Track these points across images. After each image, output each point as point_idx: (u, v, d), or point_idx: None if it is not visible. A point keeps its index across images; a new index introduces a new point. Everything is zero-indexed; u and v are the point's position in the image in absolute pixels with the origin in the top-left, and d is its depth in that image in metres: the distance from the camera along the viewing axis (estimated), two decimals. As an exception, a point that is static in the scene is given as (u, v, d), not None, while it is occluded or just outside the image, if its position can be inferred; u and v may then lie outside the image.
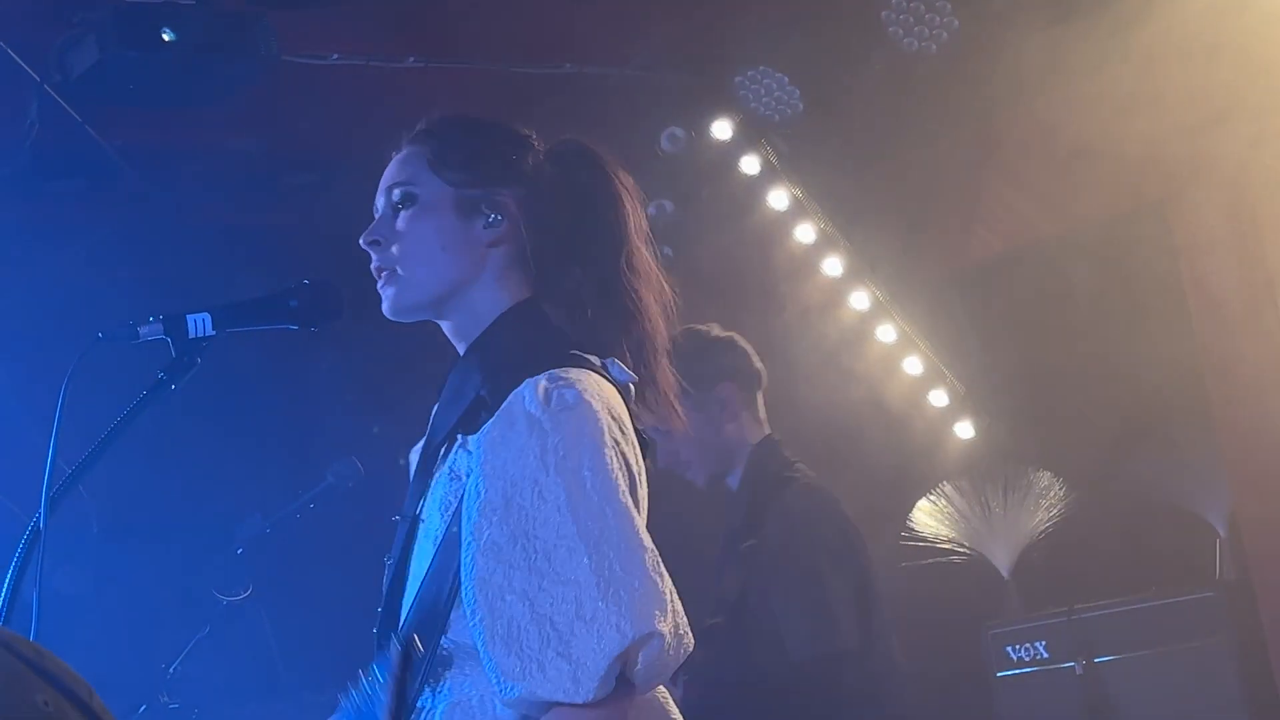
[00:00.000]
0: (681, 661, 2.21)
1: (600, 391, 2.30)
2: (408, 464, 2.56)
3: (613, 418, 2.29)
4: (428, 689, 2.31)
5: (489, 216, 2.43)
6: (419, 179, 2.45)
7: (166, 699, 5.02)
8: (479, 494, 2.22)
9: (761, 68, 4.82)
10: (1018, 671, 4.92)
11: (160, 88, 4.18)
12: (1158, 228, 4.83)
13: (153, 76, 4.09)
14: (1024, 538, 5.27)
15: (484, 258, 2.43)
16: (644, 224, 2.51)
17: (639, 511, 2.30)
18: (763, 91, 4.87)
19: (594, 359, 2.38)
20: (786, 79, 4.81)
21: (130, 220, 5.78)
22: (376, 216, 2.48)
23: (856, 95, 4.89)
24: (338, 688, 2.37)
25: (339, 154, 5.22)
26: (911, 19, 4.47)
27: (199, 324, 2.43)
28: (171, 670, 5.07)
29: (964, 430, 5.52)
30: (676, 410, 2.50)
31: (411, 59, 4.70)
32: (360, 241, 2.46)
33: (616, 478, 2.22)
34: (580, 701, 2.11)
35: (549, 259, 2.44)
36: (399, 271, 2.42)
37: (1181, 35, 4.66)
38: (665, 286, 2.50)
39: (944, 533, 5.36)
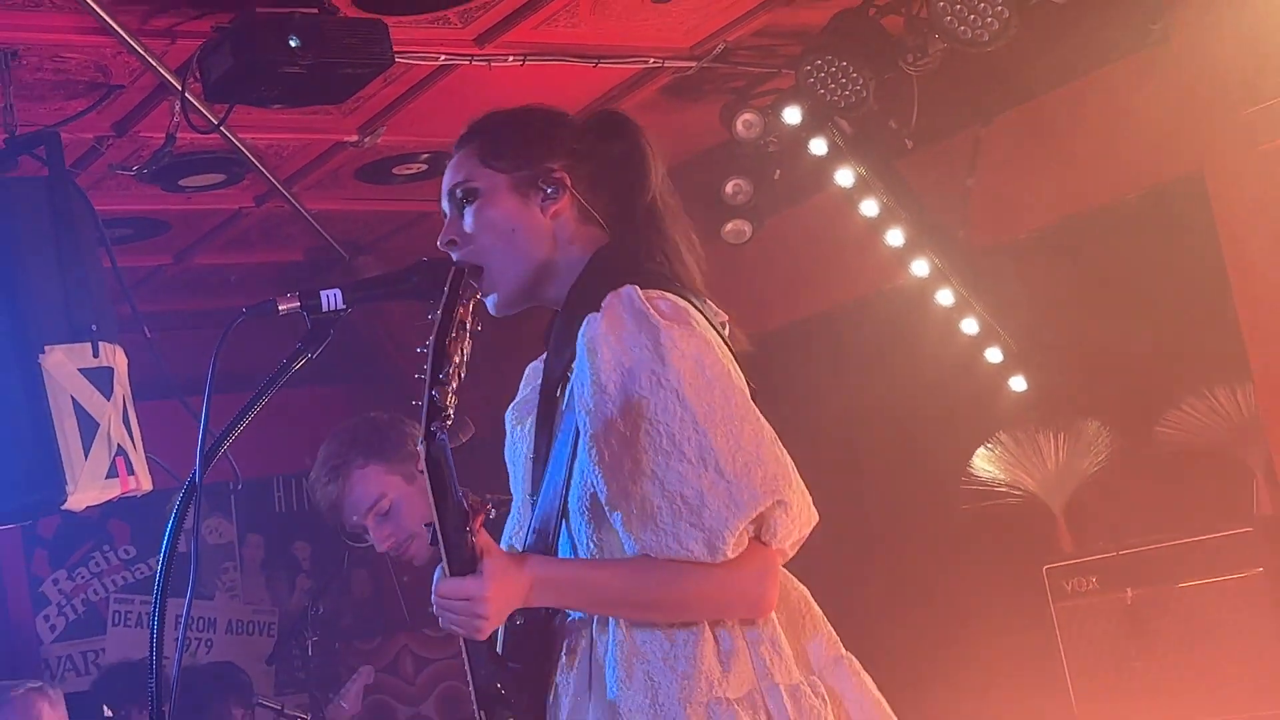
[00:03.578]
0: (809, 529, 2.26)
1: (695, 313, 2.31)
2: (509, 420, 2.56)
3: (711, 329, 2.31)
4: None
5: (545, 190, 2.40)
6: (475, 175, 2.42)
7: (309, 633, 5.08)
8: (594, 386, 2.22)
9: (828, 57, 4.76)
10: (1073, 602, 4.91)
11: (288, 89, 4.17)
12: (1197, 196, 4.76)
13: (281, 79, 4.08)
14: (1074, 481, 5.27)
15: (551, 228, 2.40)
16: (665, 179, 2.48)
17: None
18: (829, 79, 4.81)
19: (691, 296, 2.37)
20: (850, 67, 4.75)
21: (262, 210, 5.83)
22: (445, 220, 2.46)
23: (915, 81, 4.82)
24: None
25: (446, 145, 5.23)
26: (965, 9, 4.39)
27: (331, 299, 2.41)
28: (319, 611, 5.10)
29: (1018, 384, 5.49)
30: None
31: (510, 57, 4.67)
32: (438, 244, 2.44)
33: (728, 365, 2.24)
34: (717, 561, 2.16)
35: (608, 210, 2.43)
36: (486, 267, 2.39)
37: (1217, 17, 4.58)
38: (689, 227, 2.49)
39: (1001, 477, 5.36)
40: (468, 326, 2.13)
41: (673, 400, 2.17)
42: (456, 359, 2.10)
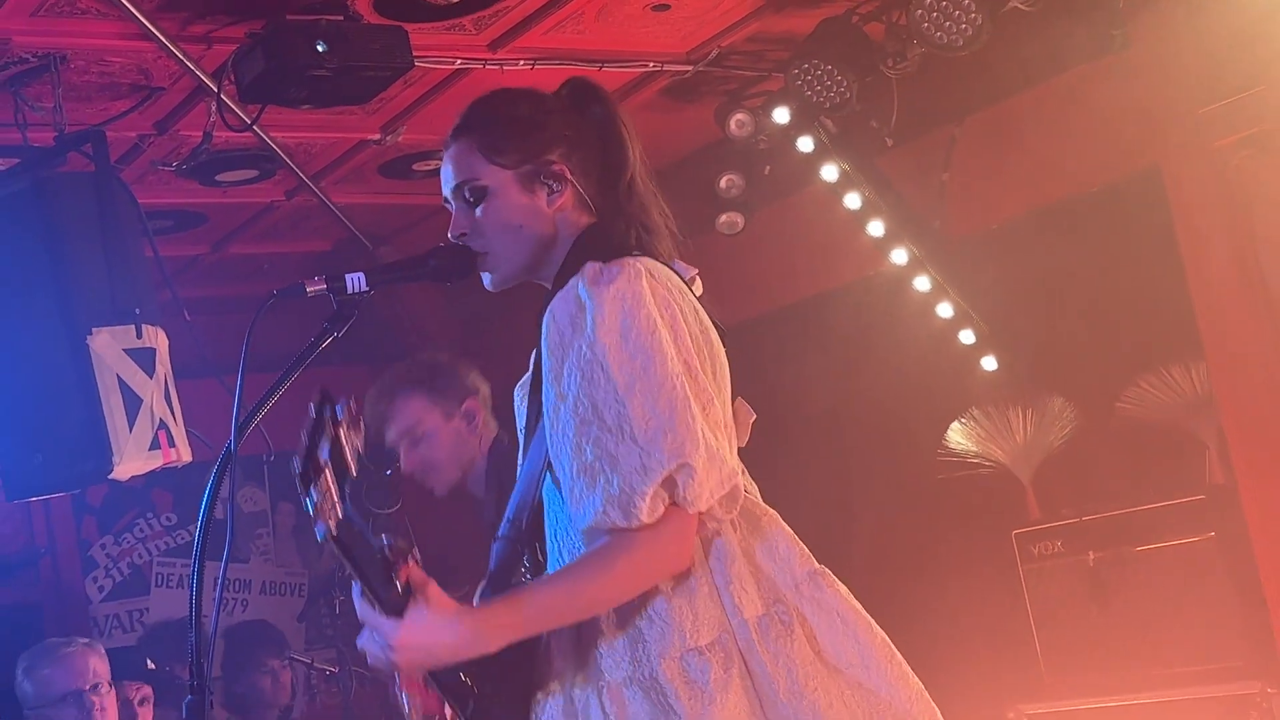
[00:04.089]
0: (729, 486, 2.20)
1: (654, 270, 2.26)
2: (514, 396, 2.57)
3: (666, 288, 2.25)
4: (526, 559, 2.34)
5: (550, 185, 2.36)
6: (480, 172, 2.37)
7: (337, 593, 5.12)
8: (547, 365, 2.22)
9: (814, 61, 4.78)
10: (1039, 564, 4.93)
11: (315, 91, 4.18)
12: (1155, 190, 4.77)
13: (309, 82, 4.09)
14: (1041, 453, 5.26)
15: (554, 219, 2.37)
16: (641, 152, 2.44)
17: (709, 360, 2.26)
18: (815, 82, 4.82)
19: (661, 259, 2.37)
20: (835, 70, 4.77)
21: (292, 203, 5.86)
22: (452, 211, 2.42)
23: (895, 83, 4.84)
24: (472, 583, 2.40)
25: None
26: (941, 16, 4.41)
27: (355, 281, 2.39)
28: (346, 572, 5.13)
29: (989, 363, 5.47)
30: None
31: (521, 61, 4.70)
32: (449, 235, 2.41)
33: (656, 331, 2.18)
34: (633, 526, 2.12)
35: (600, 192, 2.40)
36: (492, 252, 2.38)
37: (1174, 24, 4.60)
38: (664, 204, 2.46)
39: (974, 450, 5.36)
40: (344, 447, 2.01)
41: (599, 373, 2.14)
42: (327, 476, 1.97)
